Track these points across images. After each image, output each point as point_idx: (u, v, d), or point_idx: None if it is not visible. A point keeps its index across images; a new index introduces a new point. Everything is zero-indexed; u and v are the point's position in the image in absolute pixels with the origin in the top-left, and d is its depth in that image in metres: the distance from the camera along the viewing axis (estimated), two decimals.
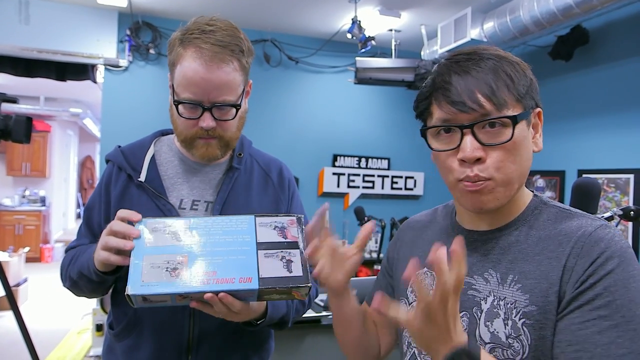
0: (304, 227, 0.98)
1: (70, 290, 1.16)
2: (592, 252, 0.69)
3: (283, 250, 0.94)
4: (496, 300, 0.75)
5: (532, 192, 0.83)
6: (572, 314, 0.68)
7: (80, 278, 1.07)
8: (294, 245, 0.95)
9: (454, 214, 0.90)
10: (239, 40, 1.06)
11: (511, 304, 0.73)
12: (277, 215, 0.99)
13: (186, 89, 1.03)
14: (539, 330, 0.70)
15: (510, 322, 0.72)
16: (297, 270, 0.92)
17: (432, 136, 0.79)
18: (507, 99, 0.73)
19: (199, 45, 1.02)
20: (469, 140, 0.73)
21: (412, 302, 0.87)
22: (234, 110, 1.08)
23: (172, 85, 1.09)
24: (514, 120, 0.72)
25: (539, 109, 0.78)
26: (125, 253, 0.93)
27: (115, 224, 0.94)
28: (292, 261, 0.93)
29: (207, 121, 1.05)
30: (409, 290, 0.89)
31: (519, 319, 0.71)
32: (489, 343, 0.74)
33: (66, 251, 1.20)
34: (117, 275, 1.05)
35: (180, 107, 1.06)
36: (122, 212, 0.96)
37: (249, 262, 0.91)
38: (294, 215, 1.00)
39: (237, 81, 1.06)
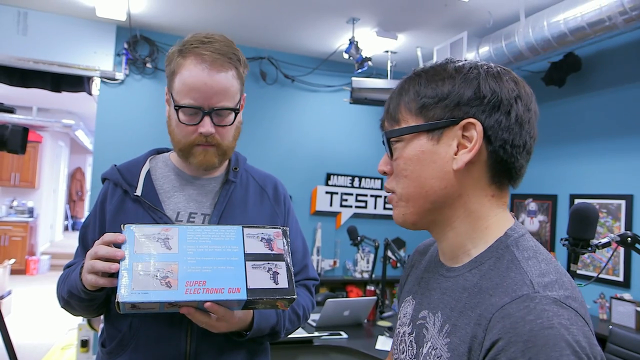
0: (289, 240, 1.02)
1: (66, 310, 1.15)
2: (495, 328, 0.60)
3: (270, 262, 0.97)
4: (431, 348, 0.70)
5: (512, 225, 0.73)
6: None
7: (71, 297, 1.06)
8: (279, 257, 0.98)
9: None
10: (236, 51, 1.11)
11: (438, 357, 0.68)
12: (263, 227, 1.02)
13: (187, 95, 1.06)
14: None
15: None
16: (283, 282, 0.95)
17: None
18: (402, 115, 0.73)
19: (199, 52, 1.06)
20: (384, 156, 0.78)
21: (397, 328, 0.85)
22: (232, 115, 1.11)
23: (171, 95, 1.11)
24: (389, 134, 0.75)
25: (466, 121, 0.69)
26: (113, 275, 0.93)
27: (100, 248, 0.93)
28: (278, 273, 0.96)
29: (206, 126, 1.07)
30: (398, 317, 0.87)
31: None
32: None
33: (63, 270, 1.19)
34: (105, 292, 1.04)
35: (180, 113, 1.08)
36: (107, 236, 0.95)
37: (237, 272, 0.93)
38: (279, 228, 1.03)
39: (235, 88, 1.10)
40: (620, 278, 3.17)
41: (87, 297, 1.02)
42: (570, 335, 0.57)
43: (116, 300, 0.86)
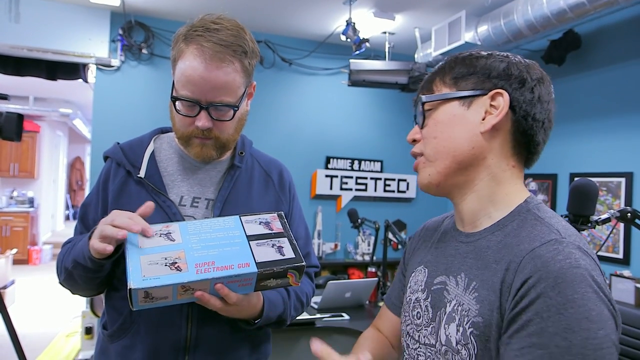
0: (285, 221, 1.03)
1: (65, 285, 1.13)
2: (526, 269, 0.66)
3: (272, 239, 0.99)
4: (457, 305, 0.75)
5: (530, 195, 0.80)
6: (511, 340, 0.65)
7: (75, 267, 1.03)
8: (280, 234, 1.00)
9: None
10: (243, 41, 1.06)
11: (466, 312, 0.73)
12: (259, 214, 1.04)
13: (184, 87, 1.03)
14: (485, 342, 0.69)
15: (461, 329, 0.73)
16: (289, 253, 0.97)
17: None
18: (435, 86, 0.82)
19: (201, 43, 1.02)
20: (415, 127, 0.86)
21: (408, 296, 0.89)
22: (231, 111, 1.07)
23: (173, 81, 1.08)
24: (420, 99, 0.82)
25: (495, 91, 0.77)
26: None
27: (119, 217, 0.92)
28: (282, 247, 0.98)
29: (202, 121, 1.05)
30: (407, 286, 0.92)
31: (469, 328, 0.71)
32: (444, 345, 0.76)
33: (62, 247, 1.18)
34: (112, 260, 1.00)
35: (177, 103, 1.06)
36: (118, 220, 0.92)
37: (243, 251, 0.95)
38: (275, 212, 1.05)
39: (237, 82, 1.06)
40: (620, 255, 3.18)
41: (93, 266, 0.99)
42: (591, 278, 0.64)
43: (128, 288, 0.85)
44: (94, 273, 1.02)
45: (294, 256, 0.96)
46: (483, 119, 0.77)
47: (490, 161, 0.78)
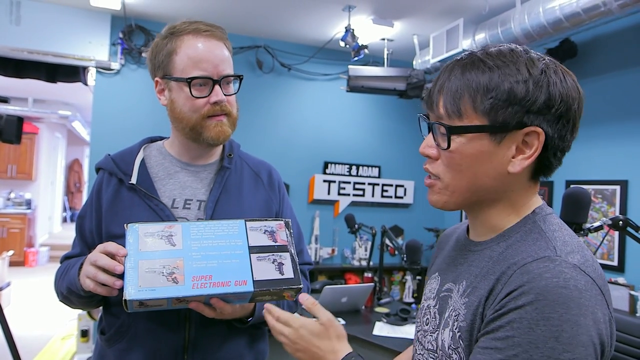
0: (291, 231, 1.03)
1: (64, 304, 1.17)
2: (514, 282, 0.65)
3: (274, 253, 0.98)
4: (452, 310, 0.76)
5: (540, 204, 0.78)
6: (480, 338, 0.67)
7: (70, 294, 1.08)
8: (283, 248, 0.99)
9: None
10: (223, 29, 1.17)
11: (456, 316, 0.73)
12: (266, 220, 1.03)
13: (195, 67, 1.09)
14: (469, 346, 0.70)
15: (451, 333, 0.73)
16: (288, 273, 0.96)
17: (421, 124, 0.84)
18: (465, 109, 0.71)
19: (194, 28, 1.11)
20: (428, 137, 0.78)
21: (422, 302, 0.90)
22: (236, 84, 1.17)
23: (170, 77, 1.11)
24: (449, 130, 0.72)
25: (532, 129, 0.70)
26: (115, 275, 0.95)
27: (101, 258, 0.94)
28: (283, 264, 0.97)
29: (219, 94, 1.10)
30: (423, 293, 0.92)
31: (457, 332, 0.72)
32: (440, 350, 0.76)
33: (61, 262, 1.20)
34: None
35: (192, 86, 1.09)
36: (110, 246, 0.95)
37: (243, 265, 0.94)
38: (282, 220, 1.04)
39: (231, 60, 1.16)
40: (615, 262, 3.20)
41: (86, 294, 1.02)
42: (582, 299, 0.62)
43: (123, 299, 0.86)
44: (89, 298, 1.06)
45: (293, 277, 0.96)
46: (513, 157, 0.71)
47: (510, 193, 0.75)
